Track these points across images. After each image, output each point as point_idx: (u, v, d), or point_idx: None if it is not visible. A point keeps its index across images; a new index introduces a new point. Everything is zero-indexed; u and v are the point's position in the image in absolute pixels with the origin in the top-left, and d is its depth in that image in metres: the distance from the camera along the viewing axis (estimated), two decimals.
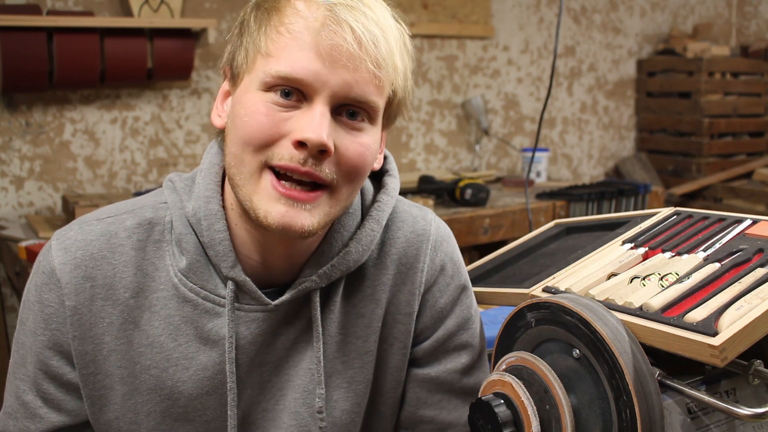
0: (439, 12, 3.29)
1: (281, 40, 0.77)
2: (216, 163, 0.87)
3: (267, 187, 0.78)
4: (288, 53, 0.76)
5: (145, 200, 0.89)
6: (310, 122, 0.76)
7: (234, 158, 0.80)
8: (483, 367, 0.99)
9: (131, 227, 0.86)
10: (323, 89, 0.76)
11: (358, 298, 0.91)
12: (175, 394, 0.86)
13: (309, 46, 0.76)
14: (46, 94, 2.49)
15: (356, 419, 0.92)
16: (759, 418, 0.66)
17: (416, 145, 3.36)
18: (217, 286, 0.85)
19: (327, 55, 0.75)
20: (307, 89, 0.77)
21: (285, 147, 0.77)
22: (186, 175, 0.91)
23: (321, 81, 0.76)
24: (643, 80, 4.05)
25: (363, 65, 0.76)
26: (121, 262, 0.85)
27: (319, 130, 0.75)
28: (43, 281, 0.84)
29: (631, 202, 2.88)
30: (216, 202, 0.84)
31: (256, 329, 0.86)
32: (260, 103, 0.77)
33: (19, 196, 2.51)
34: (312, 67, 0.76)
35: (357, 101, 0.78)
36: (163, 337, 0.85)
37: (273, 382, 0.89)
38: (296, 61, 0.76)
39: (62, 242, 0.85)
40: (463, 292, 0.96)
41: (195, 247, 0.85)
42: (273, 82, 0.77)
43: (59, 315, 0.84)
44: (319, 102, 0.76)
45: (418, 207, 0.98)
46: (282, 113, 0.77)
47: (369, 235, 0.88)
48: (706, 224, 0.94)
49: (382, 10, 0.81)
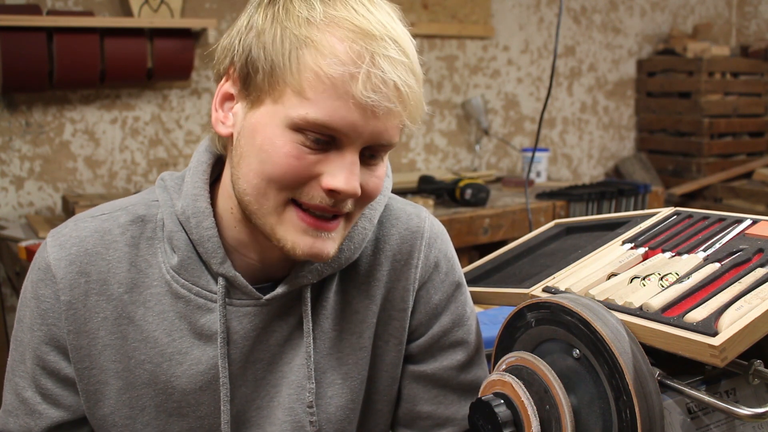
0: (439, 12, 3.29)
1: (320, 85, 0.73)
2: (204, 161, 0.88)
3: (293, 220, 0.79)
4: (325, 100, 0.73)
5: (138, 198, 0.91)
6: (341, 171, 0.76)
7: (254, 189, 0.78)
8: (480, 363, 0.99)
9: (124, 224, 0.87)
10: (358, 139, 0.76)
11: (352, 294, 0.92)
12: (169, 389, 0.87)
13: (349, 96, 0.73)
14: (46, 94, 2.49)
15: (351, 415, 0.92)
16: (759, 418, 0.66)
17: (416, 145, 3.36)
18: (208, 282, 0.86)
19: (367, 108, 0.74)
20: (341, 137, 0.76)
21: (315, 189, 0.77)
22: (177, 173, 0.92)
23: (357, 132, 0.75)
24: (643, 80, 4.05)
25: (398, 118, 0.77)
26: (115, 258, 0.86)
27: (352, 181, 0.76)
28: (39, 277, 0.86)
29: (631, 202, 2.88)
30: (204, 199, 0.85)
31: (248, 324, 0.87)
32: (289, 144, 0.75)
33: (19, 196, 2.51)
34: (350, 118, 0.74)
35: (383, 146, 0.79)
36: (157, 333, 0.86)
37: (267, 379, 0.89)
38: (335, 110, 0.73)
39: (57, 239, 0.87)
40: (457, 289, 0.97)
41: (185, 245, 0.86)
42: (306, 127, 0.75)
43: (55, 310, 0.85)
44: (351, 150, 0.76)
45: (412, 205, 0.99)
46: (311, 156, 0.76)
47: (361, 234, 0.90)
48: (706, 224, 0.94)
49: (412, 50, 0.79)
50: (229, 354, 0.87)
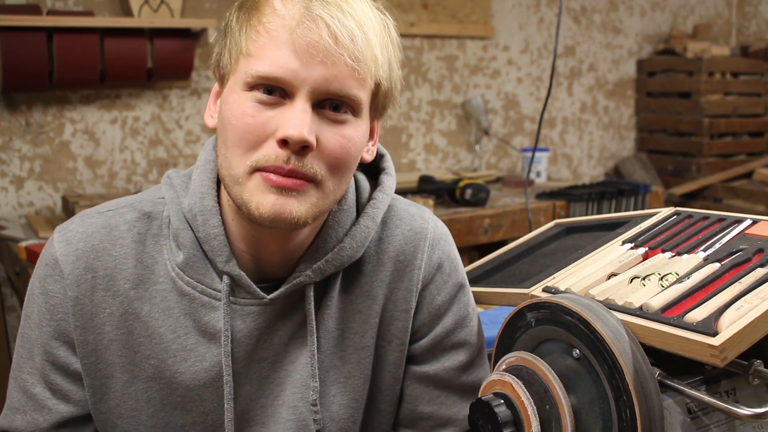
0: (439, 12, 3.29)
1: (260, 39, 0.78)
2: (211, 160, 0.89)
3: (257, 182, 0.79)
4: (266, 52, 0.78)
5: (144, 195, 0.92)
6: (291, 119, 0.77)
7: (224, 160, 0.82)
8: (482, 364, 0.99)
9: (131, 220, 0.88)
10: (303, 86, 0.77)
11: (355, 294, 0.92)
12: (173, 383, 0.87)
13: (286, 44, 0.77)
14: (46, 94, 2.49)
15: (355, 415, 0.93)
16: (759, 418, 0.66)
17: (416, 145, 3.36)
18: (213, 280, 0.87)
19: (304, 53, 0.77)
20: (287, 87, 0.78)
21: (271, 147, 0.78)
22: (183, 171, 0.93)
23: (300, 78, 0.77)
24: (643, 80, 4.05)
25: (341, 60, 0.78)
26: (122, 253, 0.87)
27: (299, 126, 0.76)
28: (47, 273, 0.87)
29: (631, 202, 2.88)
30: (211, 198, 0.86)
31: (252, 323, 0.87)
32: (245, 102, 0.79)
33: (19, 196, 2.51)
34: (290, 65, 0.77)
35: (338, 95, 0.79)
36: (162, 329, 0.86)
37: (272, 378, 0.90)
38: (274, 60, 0.77)
39: (64, 234, 0.87)
40: (460, 290, 0.97)
41: (191, 243, 0.86)
42: (254, 82, 0.78)
43: (63, 305, 0.86)
44: (300, 98, 0.78)
45: (416, 206, 0.99)
46: (267, 112, 0.78)
47: (363, 232, 0.90)
48: (706, 224, 0.94)
49: (360, 3, 0.82)
50: (233, 352, 0.87)
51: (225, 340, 0.86)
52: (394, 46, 0.86)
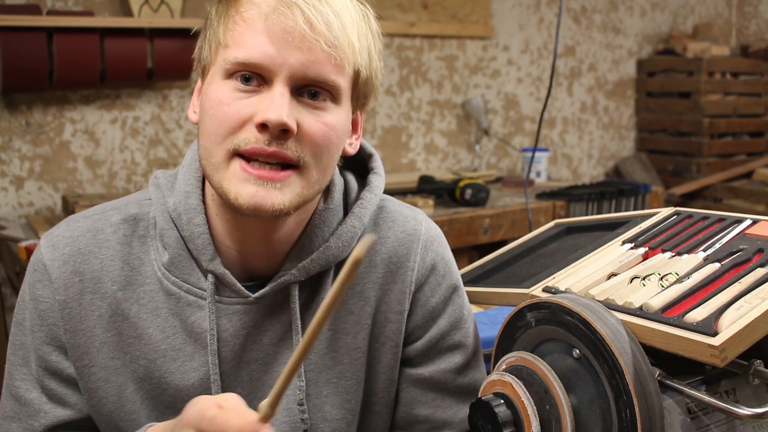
0: (439, 12, 3.29)
1: (237, 29, 0.79)
2: (196, 159, 0.89)
3: (237, 171, 0.79)
4: (243, 39, 0.79)
5: (131, 198, 0.92)
6: (270, 103, 0.77)
7: (204, 150, 0.82)
8: (478, 366, 0.99)
9: (116, 223, 0.89)
10: (280, 71, 0.78)
11: (347, 295, 0.91)
12: (163, 384, 0.87)
13: (262, 31, 0.78)
14: (46, 94, 2.49)
15: (349, 416, 0.92)
16: (759, 418, 0.66)
17: (416, 145, 3.36)
18: (199, 279, 0.87)
19: (280, 39, 0.77)
20: (265, 72, 0.78)
21: (250, 131, 0.78)
22: (170, 171, 0.93)
23: (276, 63, 0.78)
24: (643, 80, 4.04)
25: (317, 46, 0.78)
26: (108, 256, 0.87)
27: (278, 110, 0.77)
28: (35, 278, 0.87)
29: (631, 202, 2.88)
30: (195, 196, 0.87)
31: (238, 322, 0.87)
32: (223, 91, 0.80)
33: (19, 196, 2.51)
34: (267, 50, 0.78)
35: (315, 81, 0.80)
36: (151, 329, 0.87)
37: (263, 380, 0.89)
38: (252, 46, 0.78)
39: (50, 240, 0.88)
40: (454, 292, 0.97)
41: (176, 242, 0.87)
42: (232, 69, 0.79)
43: (53, 309, 0.86)
44: (278, 84, 0.78)
45: (409, 207, 0.99)
46: (245, 99, 0.79)
47: (350, 231, 0.90)
48: (706, 224, 0.94)
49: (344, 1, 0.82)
50: (220, 352, 0.87)
51: (211, 339, 0.86)
52: (373, 35, 0.86)
